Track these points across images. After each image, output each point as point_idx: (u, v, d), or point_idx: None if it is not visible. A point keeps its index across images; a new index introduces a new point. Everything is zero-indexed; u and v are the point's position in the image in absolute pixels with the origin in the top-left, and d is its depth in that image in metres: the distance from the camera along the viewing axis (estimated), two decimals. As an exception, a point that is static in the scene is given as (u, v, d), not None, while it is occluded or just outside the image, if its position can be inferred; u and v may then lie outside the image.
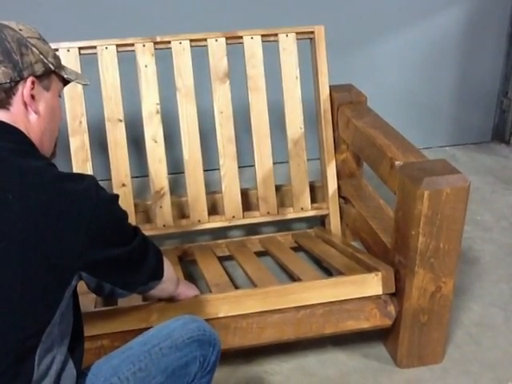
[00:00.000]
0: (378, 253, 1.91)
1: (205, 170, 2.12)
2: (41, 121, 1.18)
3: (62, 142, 1.37)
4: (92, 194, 1.09)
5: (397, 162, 1.72)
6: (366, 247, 2.08)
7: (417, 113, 3.11)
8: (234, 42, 2.12)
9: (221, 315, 1.65)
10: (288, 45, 2.14)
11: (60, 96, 1.27)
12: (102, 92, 2.03)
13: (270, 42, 2.15)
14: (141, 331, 1.34)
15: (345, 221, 2.27)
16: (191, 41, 2.07)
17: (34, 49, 1.15)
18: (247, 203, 2.25)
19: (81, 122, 2.02)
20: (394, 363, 1.82)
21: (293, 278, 1.99)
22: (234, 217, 2.15)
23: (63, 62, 1.29)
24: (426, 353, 1.80)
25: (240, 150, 2.16)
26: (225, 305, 1.66)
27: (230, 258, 2.22)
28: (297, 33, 2.15)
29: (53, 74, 1.21)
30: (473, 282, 2.20)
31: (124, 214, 1.20)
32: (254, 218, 2.19)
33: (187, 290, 1.60)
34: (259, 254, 2.20)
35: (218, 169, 2.13)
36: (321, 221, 2.35)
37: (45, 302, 1.05)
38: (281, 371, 1.81)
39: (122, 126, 2.04)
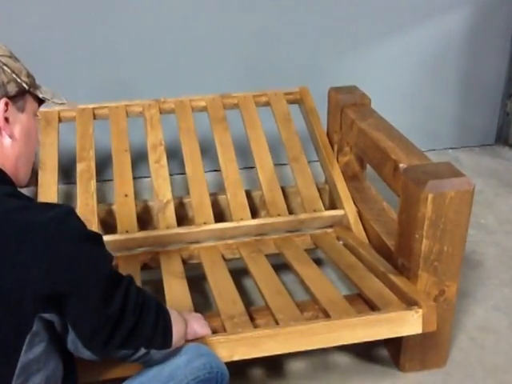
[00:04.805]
0: (381, 256, 1.89)
1: (206, 172, 2.12)
2: (16, 145, 1.10)
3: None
4: (51, 226, 0.94)
5: (401, 165, 1.72)
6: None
7: (420, 115, 3.10)
8: (229, 103, 2.31)
9: (235, 358, 1.44)
10: (278, 99, 2.34)
11: (37, 115, 1.18)
12: (110, 137, 2.17)
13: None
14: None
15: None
16: (191, 101, 2.31)
17: (5, 68, 1.07)
18: (253, 207, 2.21)
19: (89, 153, 2.13)
20: (396, 367, 1.81)
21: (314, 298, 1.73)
22: (242, 219, 2.03)
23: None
24: (428, 357, 1.79)
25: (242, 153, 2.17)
26: (242, 347, 1.45)
27: (240, 262, 1.98)
28: (285, 94, 2.35)
29: (27, 94, 1.12)
30: (476, 285, 2.19)
31: (101, 257, 1.03)
32: (263, 219, 2.08)
33: (197, 328, 1.37)
34: (272, 259, 1.96)
35: (219, 170, 2.13)
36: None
37: (3, 350, 0.95)
38: (283, 374, 1.80)
39: (128, 154, 2.15)
